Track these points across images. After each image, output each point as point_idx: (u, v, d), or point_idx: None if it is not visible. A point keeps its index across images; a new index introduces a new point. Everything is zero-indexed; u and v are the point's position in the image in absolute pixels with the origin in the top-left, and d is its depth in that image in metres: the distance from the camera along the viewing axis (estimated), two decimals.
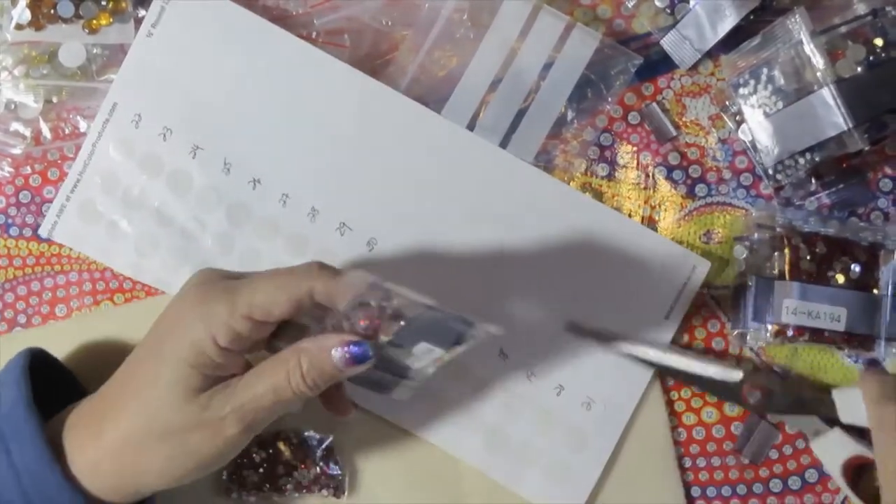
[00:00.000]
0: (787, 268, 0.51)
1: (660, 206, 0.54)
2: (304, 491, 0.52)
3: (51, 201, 0.54)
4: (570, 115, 0.53)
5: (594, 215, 0.53)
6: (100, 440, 0.42)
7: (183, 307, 0.42)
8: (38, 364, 0.46)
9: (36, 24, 0.52)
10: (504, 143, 0.53)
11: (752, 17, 0.52)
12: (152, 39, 0.52)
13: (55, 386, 0.48)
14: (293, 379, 0.41)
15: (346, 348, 0.41)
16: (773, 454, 0.53)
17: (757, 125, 0.51)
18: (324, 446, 0.52)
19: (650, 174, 0.54)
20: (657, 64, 0.54)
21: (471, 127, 0.53)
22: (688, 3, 0.53)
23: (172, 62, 0.52)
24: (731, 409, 0.53)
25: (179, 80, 0.53)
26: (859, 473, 0.49)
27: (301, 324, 0.44)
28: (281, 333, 0.44)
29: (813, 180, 0.52)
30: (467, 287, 0.52)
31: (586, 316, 0.52)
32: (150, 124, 0.53)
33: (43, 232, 0.53)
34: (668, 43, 0.53)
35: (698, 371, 0.51)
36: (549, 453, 0.52)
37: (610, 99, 0.54)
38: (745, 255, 0.53)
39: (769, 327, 0.51)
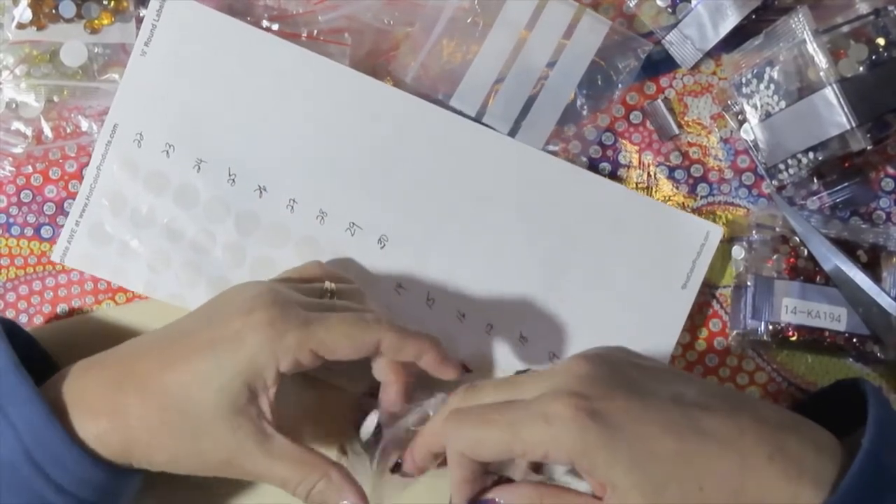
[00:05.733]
0: (786, 267, 0.51)
1: None
2: None
3: (52, 201, 0.54)
4: (579, 102, 0.53)
5: (604, 192, 0.53)
6: (120, 422, 0.42)
7: (251, 324, 0.42)
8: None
9: (37, 23, 0.52)
10: (514, 131, 0.53)
11: (753, 17, 0.52)
12: (146, 58, 0.52)
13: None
14: (300, 491, 0.43)
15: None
16: None
17: (759, 124, 0.51)
18: None
19: (652, 173, 0.54)
20: (659, 63, 0.54)
21: (480, 115, 0.53)
22: (689, 2, 0.52)
23: (169, 78, 0.52)
24: None
25: (177, 95, 0.53)
26: None
27: None
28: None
29: (815, 180, 0.52)
30: (482, 278, 0.52)
31: (604, 293, 0.52)
32: (153, 142, 0.53)
33: (55, 258, 0.53)
34: (669, 42, 0.53)
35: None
36: None
37: (620, 86, 0.53)
38: (744, 255, 0.52)
39: (768, 327, 0.51)
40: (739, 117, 0.53)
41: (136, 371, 0.43)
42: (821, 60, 0.49)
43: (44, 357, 0.51)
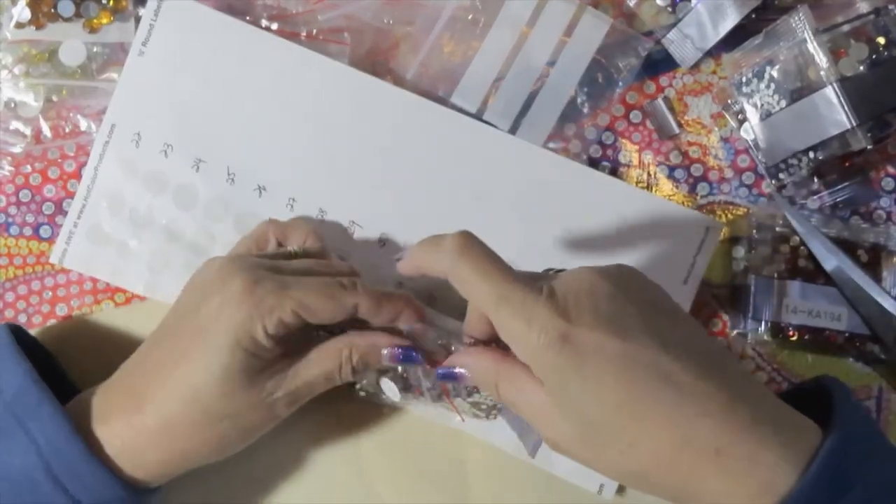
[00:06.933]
0: (787, 267, 0.51)
1: None
2: None
3: (51, 200, 0.54)
4: (580, 99, 0.53)
5: (604, 188, 0.52)
6: (139, 427, 0.42)
7: (229, 295, 0.42)
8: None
9: (36, 22, 0.52)
10: (514, 129, 0.53)
11: (753, 16, 0.52)
12: (144, 58, 0.52)
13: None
14: (344, 370, 0.45)
15: (395, 350, 0.44)
16: None
17: (759, 124, 0.51)
18: None
19: (652, 173, 0.54)
20: (659, 62, 0.54)
21: (481, 113, 0.53)
22: (689, 1, 0.52)
23: (166, 78, 0.52)
24: None
25: (175, 95, 0.52)
26: None
27: None
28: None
29: (815, 179, 0.52)
30: None
31: None
32: (151, 142, 0.53)
33: (53, 259, 0.53)
34: (669, 41, 0.53)
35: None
36: None
37: (620, 84, 0.53)
38: (745, 255, 0.52)
39: (768, 326, 0.51)
40: (739, 116, 0.53)
41: (143, 378, 0.44)
42: (821, 60, 0.49)
43: (47, 357, 0.51)
